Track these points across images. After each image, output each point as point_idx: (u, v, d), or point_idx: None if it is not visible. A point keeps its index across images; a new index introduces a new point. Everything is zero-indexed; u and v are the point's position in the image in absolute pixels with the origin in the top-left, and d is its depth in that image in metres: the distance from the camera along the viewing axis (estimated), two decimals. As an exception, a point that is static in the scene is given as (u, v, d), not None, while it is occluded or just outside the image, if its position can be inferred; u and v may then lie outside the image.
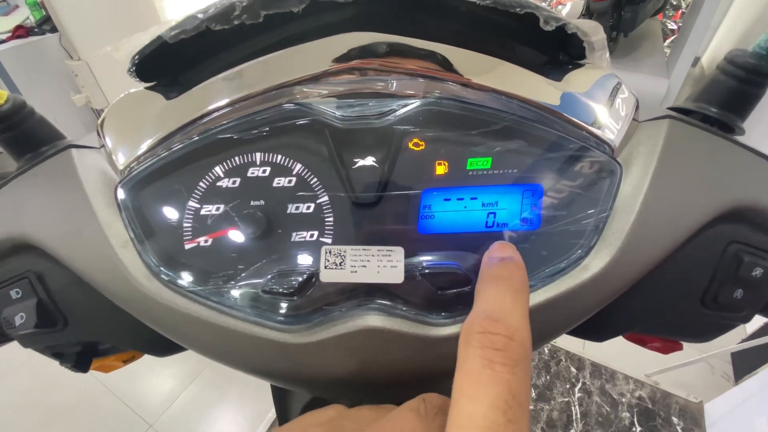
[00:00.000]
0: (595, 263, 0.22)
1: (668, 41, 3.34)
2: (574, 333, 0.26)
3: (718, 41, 3.21)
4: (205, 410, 1.41)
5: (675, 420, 1.11)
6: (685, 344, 0.31)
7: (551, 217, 0.22)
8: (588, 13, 2.02)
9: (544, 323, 0.22)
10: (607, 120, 0.23)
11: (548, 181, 0.22)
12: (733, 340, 1.40)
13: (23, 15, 2.30)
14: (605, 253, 0.22)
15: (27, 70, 2.06)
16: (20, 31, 2.12)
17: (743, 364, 1.40)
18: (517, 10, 0.22)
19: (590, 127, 0.23)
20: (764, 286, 0.24)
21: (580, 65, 0.25)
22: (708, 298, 0.24)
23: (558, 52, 0.26)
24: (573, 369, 1.22)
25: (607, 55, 0.25)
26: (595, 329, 0.27)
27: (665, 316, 0.25)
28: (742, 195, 0.23)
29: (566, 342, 1.27)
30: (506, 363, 0.14)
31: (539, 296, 0.21)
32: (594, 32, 0.23)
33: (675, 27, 3.73)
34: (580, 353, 1.25)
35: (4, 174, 0.29)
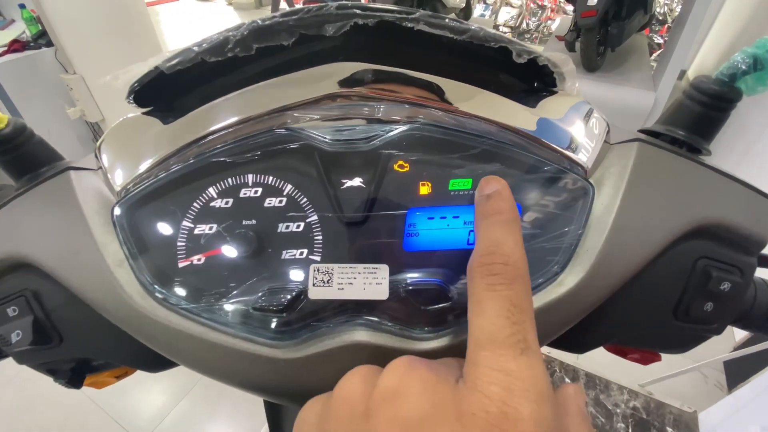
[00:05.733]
0: (569, 279, 0.23)
1: (654, 55, 3.42)
2: (555, 345, 0.27)
3: (703, 55, 3.30)
4: (197, 426, 1.38)
5: (670, 430, 1.11)
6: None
7: (528, 235, 0.23)
8: (576, 28, 2.08)
9: None
10: (580, 143, 0.24)
11: (525, 201, 0.23)
12: (725, 349, 1.42)
13: (19, 29, 2.32)
14: (579, 269, 0.23)
15: (22, 83, 2.07)
16: (16, 45, 2.13)
17: (736, 373, 1.41)
18: (492, 44, 0.23)
19: (564, 150, 0.24)
20: (733, 300, 0.25)
21: (554, 92, 0.27)
22: (680, 311, 0.25)
23: (534, 80, 0.28)
24: (567, 380, 1.22)
25: (577, 84, 0.26)
26: (574, 341, 0.28)
27: (640, 329, 0.26)
28: (708, 213, 0.24)
29: (560, 353, 1.28)
30: (504, 282, 0.17)
31: None
32: (564, 64, 0.25)
33: (661, 41, 3.82)
34: (574, 364, 1.26)
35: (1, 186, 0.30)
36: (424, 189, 0.23)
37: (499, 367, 0.15)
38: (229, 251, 0.23)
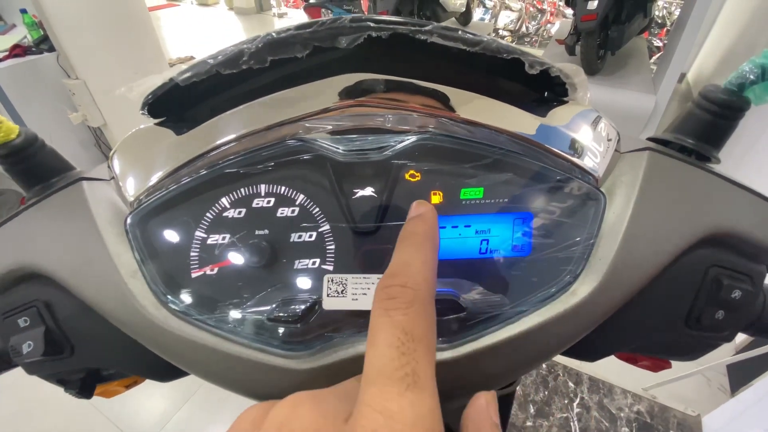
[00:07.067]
0: (583, 288, 0.23)
1: (654, 58, 3.43)
2: (567, 353, 0.27)
3: (703, 57, 3.31)
4: (200, 431, 1.38)
5: (673, 434, 1.11)
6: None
7: (541, 245, 0.23)
8: (576, 32, 2.09)
9: (537, 346, 0.23)
10: (591, 152, 0.25)
11: (537, 210, 0.23)
12: (728, 352, 1.41)
13: (21, 34, 2.33)
14: (592, 279, 0.23)
15: (23, 88, 2.07)
16: (18, 50, 2.13)
17: (739, 376, 1.40)
18: (504, 55, 0.23)
19: (575, 159, 0.24)
20: (744, 308, 0.25)
21: (565, 102, 0.27)
22: (691, 319, 0.25)
23: (544, 90, 0.28)
24: (571, 384, 1.22)
25: (589, 94, 0.26)
26: (586, 350, 0.28)
27: (652, 337, 0.26)
28: (719, 221, 0.24)
29: (564, 357, 1.27)
30: (399, 307, 0.15)
31: (531, 321, 0.23)
32: (575, 74, 0.25)
33: (661, 44, 3.84)
34: (578, 368, 1.25)
35: (2, 191, 0.30)
36: (436, 198, 0.23)
37: (381, 407, 0.14)
38: (242, 261, 0.23)
